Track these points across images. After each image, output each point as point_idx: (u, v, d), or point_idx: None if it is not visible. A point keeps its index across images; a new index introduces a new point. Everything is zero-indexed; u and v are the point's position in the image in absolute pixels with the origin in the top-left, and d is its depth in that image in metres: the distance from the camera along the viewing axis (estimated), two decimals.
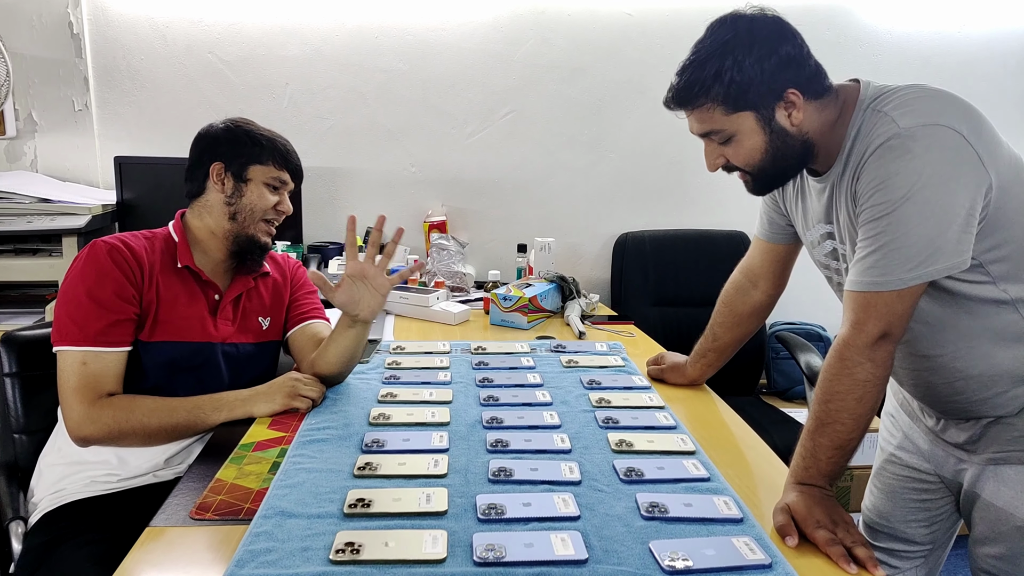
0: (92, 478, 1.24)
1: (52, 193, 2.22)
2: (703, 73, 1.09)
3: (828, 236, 1.22)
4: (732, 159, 1.15)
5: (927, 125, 1.01)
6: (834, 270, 1.25)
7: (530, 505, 0.99)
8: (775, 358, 2.59)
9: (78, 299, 1.24)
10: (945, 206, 1.00)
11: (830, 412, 1.05)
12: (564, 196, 2.69)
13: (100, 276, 1.24)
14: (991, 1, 2.66)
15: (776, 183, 1.22)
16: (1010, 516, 1.16)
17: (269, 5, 2.46)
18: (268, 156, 1.37)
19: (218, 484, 1.06)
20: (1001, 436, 1.17)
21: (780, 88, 1.08)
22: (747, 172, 1.16)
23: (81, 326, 1.22)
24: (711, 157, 1.17)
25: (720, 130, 1.12)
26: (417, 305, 2.08)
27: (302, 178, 1.47)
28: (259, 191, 1.37)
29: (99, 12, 2.41)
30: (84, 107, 2.45)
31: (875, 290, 1.03)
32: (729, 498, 1.03)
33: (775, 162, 1.13)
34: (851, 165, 1.10)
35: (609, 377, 1.54)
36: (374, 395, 1.39)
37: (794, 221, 1.33)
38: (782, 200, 1.35)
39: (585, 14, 2.55)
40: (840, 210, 1.15)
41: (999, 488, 1.17)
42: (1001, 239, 1.06)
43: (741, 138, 1.11)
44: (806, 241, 1.32)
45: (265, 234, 1.39)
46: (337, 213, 2.61)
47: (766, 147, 1.12)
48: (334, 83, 2.53)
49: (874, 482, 1.45)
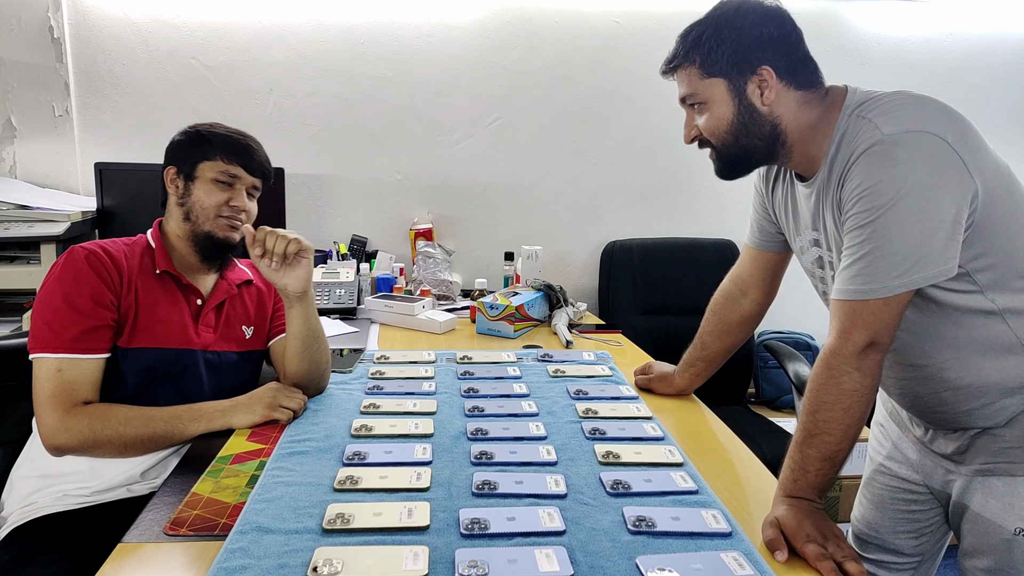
0: (64, 492, 1.20)
1: (31, 200, 2.18)
2: (688, 38, 1.15)
3: (815, 243, 1.21)
4: (702, 129, 1.17)
5: (911, 132, 1.00)
6: (819, 278, 1.24)
7: (514, 519, 0.97)
8: (763, 367, 2.58)
9: (55, 305, 1.21)
10: (930, 213, 0.99)
11: (818, 423, 1.03)
12: (552, 204, 2.67)
13: (77, 281, 1.22)
14: (978, 10, 2.68)
15: (740, 166, 1.20)
16: (998, 528, 1.15)
17: (253, 10, 2.44)
18: (215, 152, 1.33)
19: (194, 498, 1.03)
20: (989, 447, 1.16)
21: (754, 62, 1.10)
22: (713, 146, 1.18)
23: (57, 332, 1.20)
24: (688, 126, 1.20)
25: (695, 93, 1.15)
26: (402, 314, 2.06)
27: (269, 176, 1.43)
28: (206, 187, 1.33)
29: (80, 16, 2.38)
30: (64, 112, 2.41)
31: (861, 298, 1.02)
32: (718, 511, 1.01)
33: (739, 138, 1.14)
34: (835, 171, 1.09)
35: (596, 387, 1.52)
36: (356, 406, 1.37)
37: (784, 227, 1.33)
38: (771, 206, 1.34)
39: (572, 21, 2.54)
40: (826, 217, 1.15)
41: (987, 499, 1.16)
42: (987, 247, 1.05)
43: (712, 105, 1.14)
44: (795, 247, 1.31)
45: (224, 229, 1.35)
46: (322, 220, 2.59)
47: (733, 119, 1.13)
48: (319, 89, 2.51)
49: (863, 492, 1.44)
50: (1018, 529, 1.14)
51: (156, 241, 1.35)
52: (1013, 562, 1.15)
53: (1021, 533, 1.14)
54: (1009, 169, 1.10)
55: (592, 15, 2.55)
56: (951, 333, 1.11)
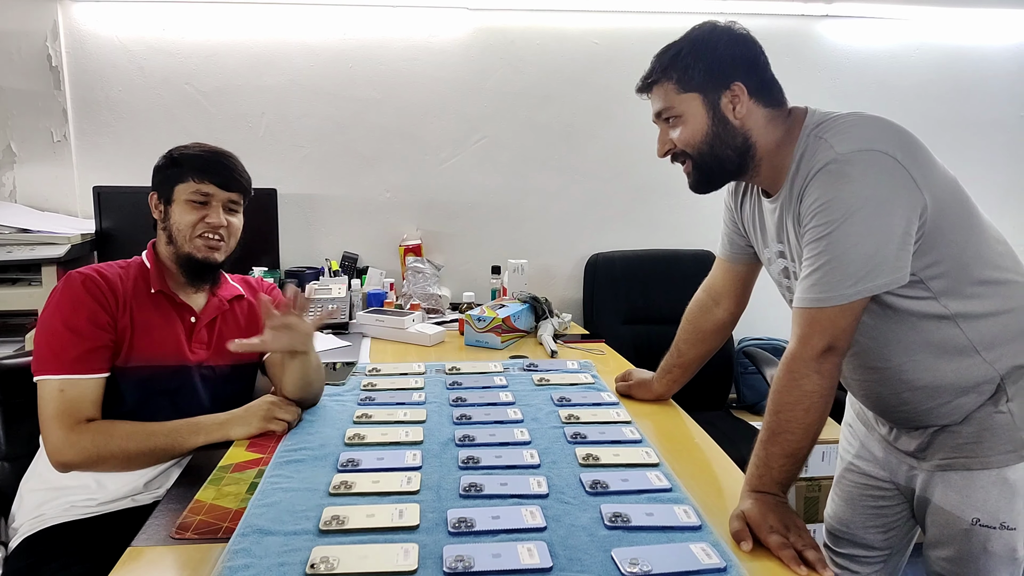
0: (72, 503, 1.26)
1: (31, 223, 2.25)
2: (665, 56, 1.23)
3: (780, 255, 1.28)
4: (678, 142, 1.23)
5: (863, 150, 1.08)
6: (786, 287, 1.31)
7: (499, 518, 1.03)
8: (744, 373, 2.65)
9: (54, 329, 1.27)
10: (882, 226, 1.06)
11: (780, 422, 1.10)
12: (536, 219, 2.75)
13: (75, 305, 1.28)
14: (943, 26, 2.78)
15: (715, 177, 1.27)
16: (957, 519, 1.22)
17: (245, 36, 2.52)
18: (187, 173, 1.38)
19: (197, 505, 1.09)
20: (947, 443, 1.23)
21: (727, 79, 1.18)
22: (689, 156, 1.23)
23: (58, 354, 1.25)
24: (662, 140, 1.27)
25: (670, 107, 1.22)
26: (393, 328, 2.12)
27: (245, 188, 1.45)
28: (182, 208, 1.38)
29: (77, 45, 2.45)
30: (63, 138, 2.48)
31: (819, 306, 1.09)
32: (689, 507, 1.07)
33: (713, 148, 1.21)
34: (795, 187, 1.17)
35: (579, 394, 1.58)
36: (350, 416, 1.43)
37: (752, 240, 1.40)
38: (740, 220, 1.42)
39: (553, 43, 2.63)
40: (789, 230, 1.22)
41: (947, 493, 1.24)
42: (939, 256, 1.13)
43: (687, 119, 1.21)
44: (763, 259, 1.38)
45: (203, 250, 1.39)
46: (314, 238, 2.65)
47: (707, 131, 1.20)
48: (309, 112, 2.58)
49: (835, 490, 1.51)
50: (975, 519, 1.21)
51: (151, 261, 1.41)
52: (972, 550, 1.22)
53: (978, 523, 1.21)
54: (958, 183, 1.18)
55: (572, 37, 2.64)
56: (908, 337, 1.19)
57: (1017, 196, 2.92)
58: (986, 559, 1.22)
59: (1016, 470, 1.20)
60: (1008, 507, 1.21)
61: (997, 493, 1.21)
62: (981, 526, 1.21)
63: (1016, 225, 2.90)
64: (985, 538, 1.22)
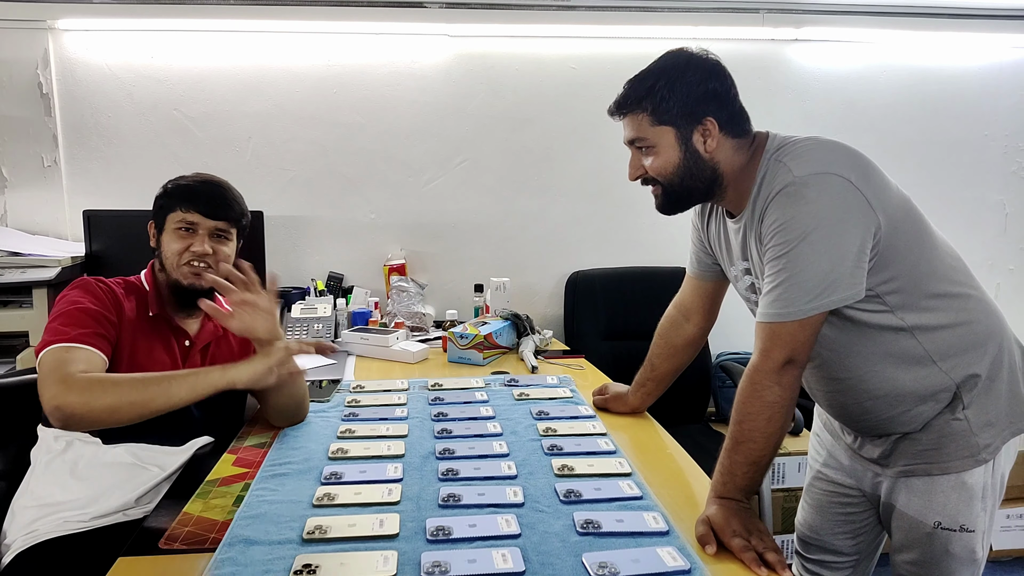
0: (64, 518, 1.29)
1: (22, 246, 2.29)
2: (641, 87, 1.25)
3: (746, 272, 1.34)
4: (649, 169, 1.27)
5: (819, 173, 1.14)
6: (753, 303, 1.36)
7: (475, 526, 1.07)
8: (721, 387, 2.70)
9: (70, 312, 1.32)
10: (837, 245, 1.13)
11: (744, 432, 1.16)
12: (518, 238, 2.80)
13: (94, 298, 1.36)
14: (909, 48, 2.88)
15: (681, 203, 1.32)
16: (920, 524, 1.28)
17: (231, 63, 2.58)
18: (176, 203, 1.43)
19: (185, 517, 1.13)
20: (909, 450, 1.29)
21: (700, 114, 1.23)
22: (659, 183, 1.28)
23: (69, 329, 1.29)
24: (633, 166, 1.31)
25: (644, 138, 1.26)
26: (378, 345, 2.17)
27: (233, 216, 1.48)
28: (170, 237, 1.43)
29: (68, 73, 2.51)
30: (53, 163, 2.53)
31: (779, 320, 1.15)
32: (658, 513, 1.12)
33: (683, 180, 1.26)
34: (757, 208, 1.23)
35: (557, 408, 1.63)
36: (334, 432, 1.47)
37: (719, 259, 1.45)
38: (706, 239, 1.48)
39: (532, 68, 2.71)
40: (752, 249, 1.28)
41: (910, 498, 1.29)
42: (894, 272, 1.20)
43: (660, 150, 1.25)
44: (730, 276, 1.44)
45: (188, 276, 1.42)
46: (300, 260, 2.70)
47: (679, 163, 1.25)
48: (295, 136, 2.64)
49: (805, 498, 1.56)
50: (936, 523, 1.27)
51: (150, 285, 1.46)
52: (935, 553, 1.28)
53: (939, 526, 1.27)
54: (911, 202, 1.25)
55: (550, 62, 2.72)
56: (867, 349, 1.25)
57: (984, 212, 3.02)
58: (948, 561, 1.28)
59: (974, 475, 1.26)
60: (967, 510, 1.26)
61: (956, 497, 1.26)
62: (942, 529, 1.27)
63: (984, 240, 3.01)
64: (947, 540, 1.27)
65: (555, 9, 2.61)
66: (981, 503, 1.28)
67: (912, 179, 2.88)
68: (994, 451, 1.26)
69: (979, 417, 1.25)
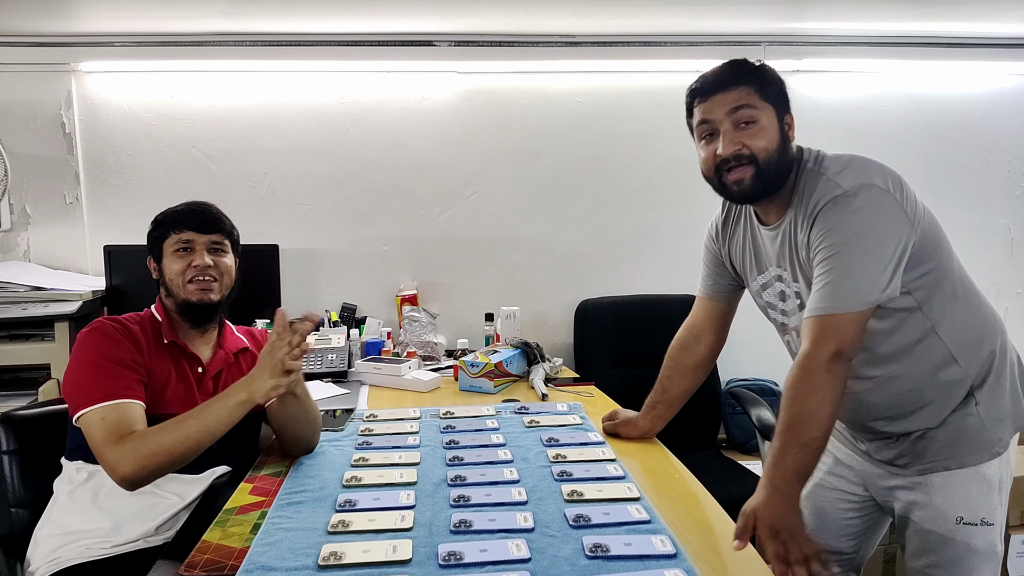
0: (87, 546, 1.32)
1: (44, 281, 2.35)
2: (747, 64, 1.31)
3: (778, 279, 1.39)
4: (751, 142, 1.26)
5: (864, 185, 1.22)
6: (780, 310, 1.43)
7: (486, 551, 1.09)
8: (731, 413, 2.71)
9: (97, 363, 1.35)
10: (882, 247, 1.21)
11: (794, 415, 1.18)
12: (527, 267, 2.84)
13: (115, 344, 1.38)
14: (909, 78, 2.93)
15: (769, 187, 1.30)
16: (942, 522, 1.32)
17: (248, 102, 2.66)
18: (168, 228, 1.49)
19: (204, 544, 1.16)
20: (927, 449, 1.34)
21: (787, 106, 1.31)
22: (756, 163, 1.27)
23: (106, 385, 1.32)
24: (731, 141, 1.27)
25: (753, 108, 1.26)
26: (390, 375, 2.19)
27: (224, 227, 1.52)
28: (169, 261, 1.48)
29: (89, 113, 2.60)
30: (75, 200, 2.61)
31: (831, 313, 1.20)
32: (665, 537, 1.14)
33: (778, 163, 1.28)
34: (800, 216, 1.29)
35: (567, 434, 1.65)
36: (348, 460, 1.50)
37: (741, 269, 1.50)
38: (727, 254, 1.53)
39: (539, 102, 2.77)
40: (794, 254, 1.33)
41: (931, 497, 1.33)
42: (922, 271, 1.28)
43: (764, 125, 1.27)
44: (753, 286, 1.48)
45: (196, 293, 1.46)
46: (314, 292, 2.75)
47: (778, 143, 1.28)
48: (309, 171, 2.71)
49: (805, 504, 1.58)
50: (959, 518, 1.31)
51: (160, 314, 1.51)
52: (957, 551, 1.32)
53: (961, 521, 1.31)
54: (933, 215, 1.33)
55: (557, 96, 2.78)
56: (898, 344, 1.31)
57: (990, 237, 3.04)
58: (971, 557, 1.32)
59: (990, 466, 1.32)
60: (987, 503, 1.32)
61: (976, 490, 1.32)
62: (965, 524, 1.31)
63: (991, 264, 3.02)
64: (968, 536, 1.32)
65: (561, 45, 2.69)
66: (998, 496, 1.33)
67: None
68: (1004, 445, 1.34)
69: (990, 413, 1.32)
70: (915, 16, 2.59)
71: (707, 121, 1.30)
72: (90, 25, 2.46)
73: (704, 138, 1.32)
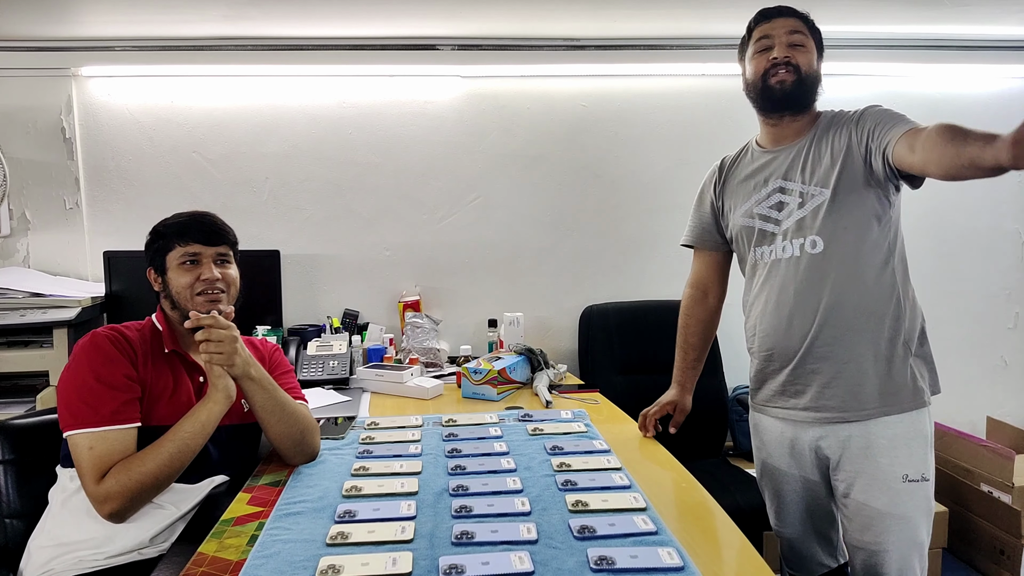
0: (80, 558, 1.30)
1: (43, 287, 2.33)
2: (796, 10, 1.59)
3: (780, 191, 1.58)
4: (800, 56, 1.55)
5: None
6: (773, 220, 1.58)
7: (488, 564, 1.07)
8: (738, 420, 2.68)
9: (88, 384, 1.33)
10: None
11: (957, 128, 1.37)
12: (531, 273, 2.83)
13: (108, 360, 1.35)
14: (915, 80, 2.91)
15: (805, 96, 1.57)
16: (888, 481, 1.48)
17: (249, 107, 2.65)
18: (173, 241, 1.46)
19: (200, 557, 1.13)
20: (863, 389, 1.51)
21: (821, 55, 1.59)
22: (800, 73, 1.54)
23: (95, 408, 1.31)
24: (785, 48, 1.55)
25: (804, 35, 1.57)
26: (392, 382, 2.17)
27: (230, 239, 1.52)
28: (176, 274, 1.45)
29: (90, 118, 2.59)
30: (75, 206, 2.60)
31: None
32: (672, 549, 1.11)
33: (814, 82, 1.56)
34: (833, 130, 1.56)
35: (571, 442, 1.62)
36: (348, 469, 1.47)
37: (732, 204, 1.68)
38: (721, 195, 1.72)
39: (542, 106, 2.76)
40: (816, 160, 1.54)
41: (878, 459, 1.49)
42: (895, 206, 1.54)
43: (807, 51, 1.56)
44: (741, 210, 1.65)
45: (205, 306, 1.44)
46: (316, 297, 2.73)
47: (816, 67, 1.57)
48: (311, 176, 2.69)
49: (764, 485, 1.75)
50: (904, 475, 1.46)
51: (161, 323, 1.48)
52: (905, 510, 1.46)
53: (907, 479, 1.45)
54: None
55: (560, 100, 2.77)
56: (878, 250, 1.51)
57: (1000, 242, 3.00)
58: (917, 515, 1.46)
59: (924, 421, 1.49)
60: (925, 458, 1.48)
61: (917, 446, 1.47)
62: (910, 481, 1.44)
63: (1001, 269, 2.99)
64: (911, 493, 1.45)
65: (564, 49, 2.67)
66: (931, 452, 1.50)
67: (926, 208, 2.92)
68: (927, 399, 1.51)
69: (919, 366, 1.51)
70: (920, 19, 2.58)
71: (767, 36, 1.56)
72: (91, 29, 2.45)
73: (760, 52, 1.57)
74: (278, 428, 1.47)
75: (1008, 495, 2.44)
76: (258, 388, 1.44)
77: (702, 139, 2.78)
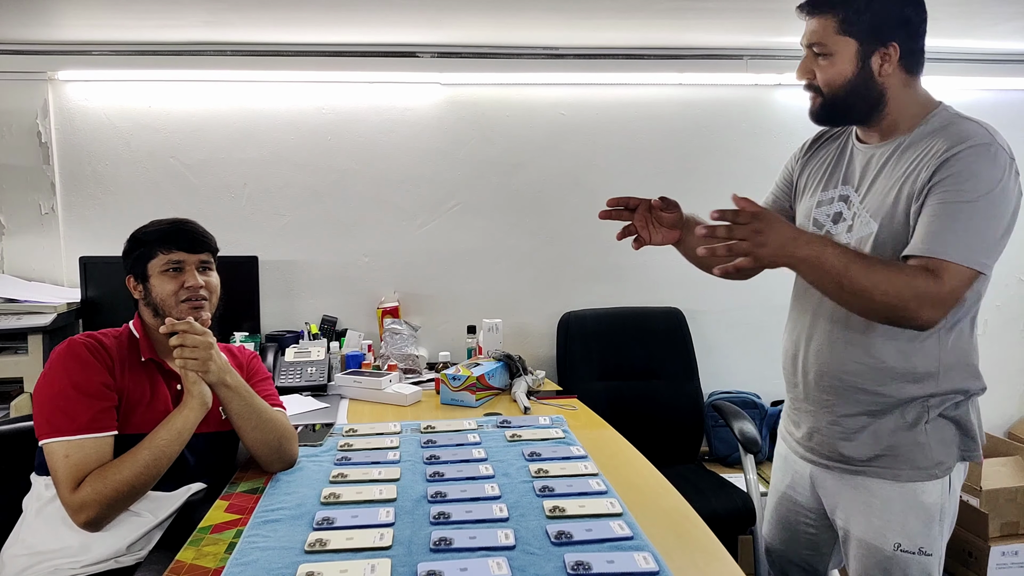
0: (56, 567, 1.29)
1: (18, 293, 2.31)
2: None
3: (842, 199, 1.36)
4: (819, 74, 1.29)
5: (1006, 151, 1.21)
6: (825, 231, 1.38)
7: (466, 570, 1.08)
8: (714, 426, 2.70)
9: (64, 391, 1.32)
10: (1002, 216, 1.19)
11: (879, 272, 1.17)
12: (510, 279, 2.83)
13: (84, 368, 1.35)
14: None
15: (838, 117, 1.35)
16: (879, 548, 1.35)
17: (228, 112, 2.63)
18: (155, 248, 1.46)
19: (178, 565, 1.14)
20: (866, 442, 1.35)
21: (887, 37, 1.25)
22: (821, 94, 1.30)
23: (72, 416, 1.30)
24: (803, 69, 1.32)
25: (824, 44, 1.27)
26: (370, 388, 2.17)
27: (211, 247, 1.52)
28: (159, 281, 1.45)
29: (67, 122, 2.56)
30: (51, 210, 2.57)
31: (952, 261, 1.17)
32: (648, 553, 1.13)
33: (848, 96, 1.28)
34: (930, 149, 1.23)
35: (549, 448, 1.64)
36: (326, 476, 1.48)
37: (804, 184, 1.47)
38: (799, 167, 1.50)
39: (522, 114, 2.77)
40: (878, 177, 1.30)
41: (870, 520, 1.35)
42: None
43: (836, 60, 1.27)
44: (805, 203, 1.45)
45: (188, 312, 1.44)
46: (294, 303, 2.72)
47: (850, 78, 1.27)
48: (290, 182, 2.69)
49: (770, 514, 1.64)
50: (896, 544, 1.32)
51: (139, 331, 1.48)
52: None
53: (899, 548, 1.32)
54: None
55: (540, 108, 2.78)
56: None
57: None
58: None
59: (930, 493, 1.30)
60: (926, 532, 1.31)
61: (915, 518, 1.31)
62: (902, 552, 1.31)
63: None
64: (905, 565, 1.31)
65: (544, 57, 2.69)
66: (939, 526, 1.31)
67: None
68: (946, 470, 1.31)
69: (936, 434, 1.30)
70: None
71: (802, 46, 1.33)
72: (68, 33, 2.43)
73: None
74: (255, 435, 1.47)
75: (976, 498, 2.50)
76: (234, 395, 1.44)
77: (679, 147, 2.80)
